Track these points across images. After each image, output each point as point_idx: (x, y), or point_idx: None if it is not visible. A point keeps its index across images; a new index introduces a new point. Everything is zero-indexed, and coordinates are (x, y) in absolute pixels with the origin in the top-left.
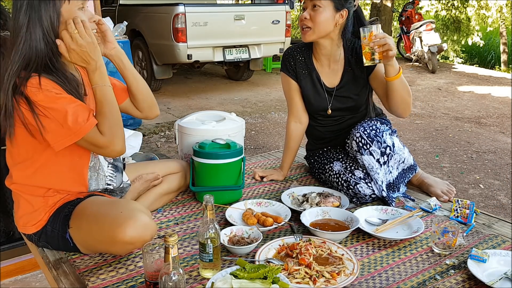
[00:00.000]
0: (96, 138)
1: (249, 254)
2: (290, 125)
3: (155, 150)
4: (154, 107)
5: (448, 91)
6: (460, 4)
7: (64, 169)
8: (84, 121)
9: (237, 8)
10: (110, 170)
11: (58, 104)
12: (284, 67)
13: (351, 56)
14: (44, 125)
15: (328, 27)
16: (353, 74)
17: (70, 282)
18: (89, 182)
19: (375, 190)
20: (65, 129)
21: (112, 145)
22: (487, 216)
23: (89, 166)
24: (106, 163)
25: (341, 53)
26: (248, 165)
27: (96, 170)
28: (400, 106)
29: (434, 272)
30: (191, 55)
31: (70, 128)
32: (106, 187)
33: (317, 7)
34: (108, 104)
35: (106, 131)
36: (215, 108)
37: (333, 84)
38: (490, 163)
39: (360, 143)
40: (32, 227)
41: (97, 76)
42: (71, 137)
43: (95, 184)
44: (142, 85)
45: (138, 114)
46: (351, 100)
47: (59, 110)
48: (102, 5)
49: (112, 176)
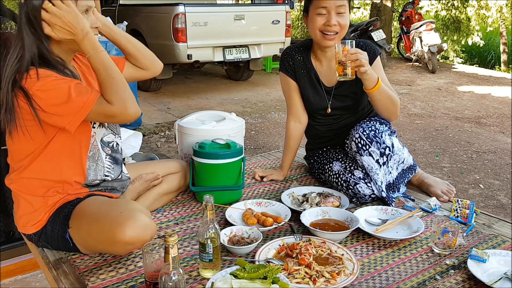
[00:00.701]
0: (106, 109)
1: (249, 254)
2: (290, 124)
3: (155, 150)
4: (156, 61)
5: (448, 91)
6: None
7: (63, 159)
8: (88, 92)
9: (237, 8)
10: (108, 161)
11: (59, 85)
12: (283, 67)
13: None
14: (52, 110)
15: (347, 29)
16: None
17: (70, 282)
18: (88, 172)
19: (374, 191)
20: (72, 105)
21: (125, 110)
22: (487, 216)
23: (88, 156)
24: (104, 154)
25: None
26: (248, 165)
27: (95, 161)
28: (384, 112)
29: (434, 272)
30: (191, 55)
31: (76, 103)
32: (104, 178)
33: (342, 13)
34: (107, 69)
35: (113, 99)
36: (215, 108)
37: (331, 83)
38: (490, 163)
39: (360, 144)
40: (32, 227)
41: (87, 44)
42: (81, 112)
43: (94, 175)
44: (137, 43)
45: (143, 73)
46: (350, 98)
47: (61, 90)
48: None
49: (110, 168)
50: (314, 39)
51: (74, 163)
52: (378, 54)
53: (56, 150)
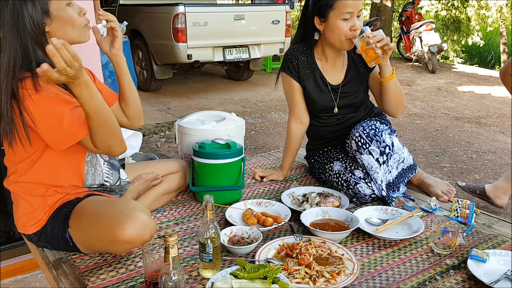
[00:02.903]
0: (91, 148)
1: (249, 254)
2: (291, 125)
3: (155, 150)
4: (141, 117)
5: (448, 91)
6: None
7: (61, 163)
8: (80, 125)
9: (237, 8)
10: (106, 167)
11: (54, 107)
12: (286, 67)
13: (354, 53)
14: (40, 129)
15: None
16: (357, 71)
17: (70, 282)
18: (86, 176)
19: (375, 190)
20: (61, 133)
21: (109, 153)
22: (487, 216)
23: (86, 161)
24: (102, 160)
25: (345, 51)
26: (248, 165)
27: (93, 165)
28: (393, 106)
29: (434, 272)
30: (191, 55)
31: (66, 132)
32: (103, 182)
33: (359, 16)
34: (99, 116)
35: (98, 144)
36: (215, 108)
37: (337, 82)
38: (490, 163)
39: (360, 142)
40: (31, 227)
41: (83, 89)
42: (68, 141)
43: (92, 179)
44: (134, 92)
45: (124, 121)
46: (357, 95)
47: (55, 113)
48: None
49: (109, 174)
50: (337, 45)
51: (71, 168)
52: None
53: (53, 155)
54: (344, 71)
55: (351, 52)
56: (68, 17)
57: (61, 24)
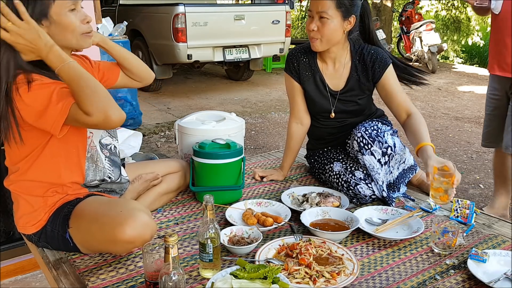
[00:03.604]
0: (85, 120)
1: (249, 254)
2: (292, 126)
3: (155, 150)
4: (149, 74)
5: (448, 91)
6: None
7: (61, 160)
8: (68, 95)
9: (237, 8)
10: (108, 163)
11: (45, 89)
12: (288, 68)
13: (358, 62)
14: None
15: (336, 37)
16: (359, 81)
17: (70, 282)
18: (87, 172)
19: (375, 191)
20: (53, 111)
21: (106, 118)
22: (487, 216)
23: (86, 157)
24: (103, 156)
25: (348, 56)
26: (248, 165)
27: (94, 161)
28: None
29: (434, 272)
30: (191, 55)
31: (55, 107)
32: (104, 178)
33: (324, 18)
34: (79, 80)
35: (90, 110)
36: (215, 108)
37: (337, 87)
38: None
39: (362, 143)
40: (31, 227)
41: (52, 58)
42: (60, 115)
43: (93, 175)
44: (131, 58)
45: (136, 84)
46: (355, 104)
47: (45, 94)
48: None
49: (110, 170)
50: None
51: (72, 164)
52: (389, 63)
53: (53, 152)
54: (345, 78)
55: (355, 60)
56: (68, 23)
57: (60, 29)
